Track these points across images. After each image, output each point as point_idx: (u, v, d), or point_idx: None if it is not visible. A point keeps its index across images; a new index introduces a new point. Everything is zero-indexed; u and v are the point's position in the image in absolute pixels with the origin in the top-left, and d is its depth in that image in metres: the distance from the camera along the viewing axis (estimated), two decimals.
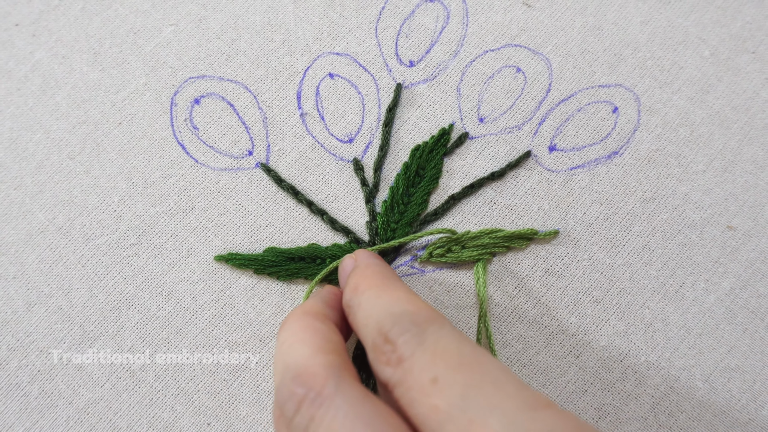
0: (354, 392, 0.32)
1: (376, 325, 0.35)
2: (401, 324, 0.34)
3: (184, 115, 0.49)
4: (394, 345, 0.34)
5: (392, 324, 0.34)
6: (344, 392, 0.32)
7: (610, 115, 0.49)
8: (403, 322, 0.34)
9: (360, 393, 0.32)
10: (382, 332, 0.34)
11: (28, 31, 0.51)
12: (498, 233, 0.46)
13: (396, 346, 0.33)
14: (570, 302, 0.46)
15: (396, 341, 0.34)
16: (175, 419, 0.45)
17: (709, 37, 0.50)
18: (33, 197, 0.48)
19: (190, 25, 0.51)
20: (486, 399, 0.30)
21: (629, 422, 0.44)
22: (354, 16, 0.51)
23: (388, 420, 0.31)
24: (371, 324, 0.35)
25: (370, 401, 0.32)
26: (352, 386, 0.33)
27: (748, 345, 0.45)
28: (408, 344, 0.33)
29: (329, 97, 0.50)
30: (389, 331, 0.34)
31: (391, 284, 0.38)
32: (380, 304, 0.36)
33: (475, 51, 0.50)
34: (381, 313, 0.35)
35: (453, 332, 0.34)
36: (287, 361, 0.35)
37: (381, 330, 0.35)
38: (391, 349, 0.34)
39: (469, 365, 0.32)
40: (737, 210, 0.47)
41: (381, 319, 0.35)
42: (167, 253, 0.47)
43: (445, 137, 0.48)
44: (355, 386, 0.33)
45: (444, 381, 0.31)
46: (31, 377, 0.45)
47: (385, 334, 0.34)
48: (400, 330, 0.34)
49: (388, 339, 0.34)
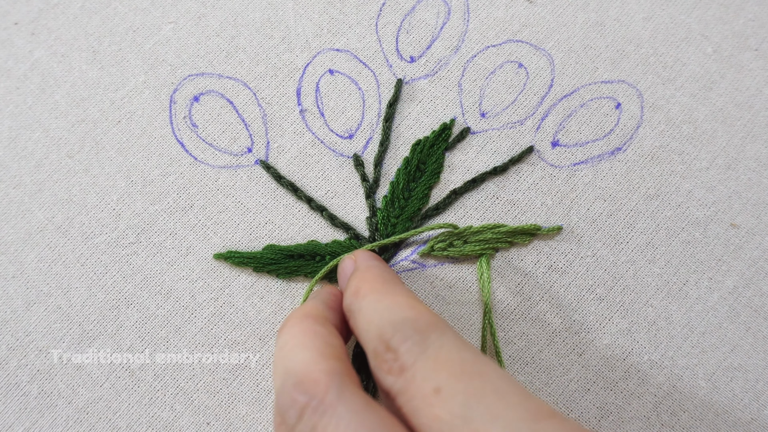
0: (356, 400, 0.32)
1: (377, 331, 0.35)
2: (403, 331, 0.34)
3: (184, 113, 0.49)
4: (395, 353, 0.34)
5: (394, 331, 0.34)
6: (346, 400, 0.32)
7: (613, 111, 0.49)
8: (404, 329, 0.34)
9: (362, 401, 0.32)
10: (384, 340, 0.34)
11: (27, 30, 0.51)
12: (501, 228, 0.46)
13: (398, 355, 0.33)
14: (573, 299, 0.46)
15: (398, 349, 0.34)
16: (174, 418, 0.45)
17: (712, 34, 0.50)
18: (32, 196, 0.48)
19: (190, 23, 0.51)
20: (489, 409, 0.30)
21: (632, 421, 0.44)
22: (354, 12, 0.51)
23: (391, 429, 0.31)
24: (372, 330, 0.35)
25: (373, 409, 0.32)
26: (355, 394, 0.32)
27: (751, 344, 0.45)
28: (410, 352, 0.33)
29: (329, 93, 0.49)
30: (391, 339, 0.34)
31: (392, 288, 0.38)
32: (381, 309, 0.36)
33: (476, 46, 0.50)
34: (382, 319, 0.35)
35: (455, 339, 0.34)
36: (288, 366, 0.35)
37: (382, 337, 0.34)
38: (393, 357, 0.34)
39: (471, 374, 0.32)
40: (741, 207, 0.47)
41: (382, 326, 0.35)
42: (166, 252, 0.47)
43: (446, 132, 0.48)
44: (358, 394, 0.32)
45: (446, 390, 0.31)
46: (31, 377, 0.45)
47: (387, 341, 0.34)
48: (401, 338, 0.34)
49: (389, 347, 0.34)
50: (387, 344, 0.34)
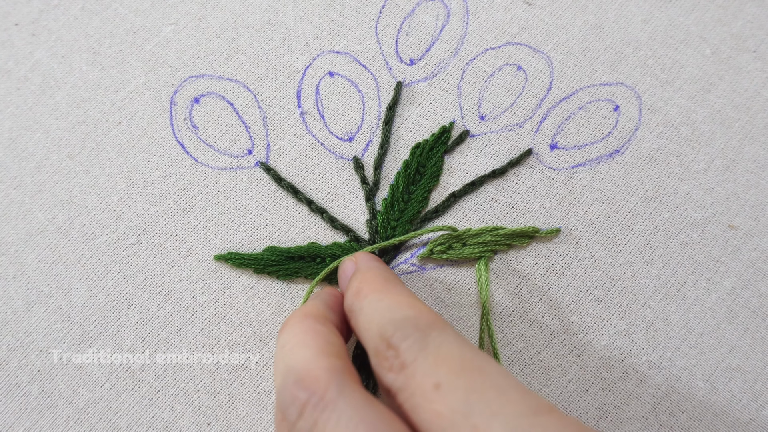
0: (357, 396, 0.32)
1: (378, 330, 0.35)
2: (403, 329, 0.34)
3: (184, 114, 0.49)
4: (396, 350, 0.34)
5: (394, 329, 0.34)
6: (347, 396, 0.32)
7: (612, 113, 0.49)
8: (405, 327, 0.34)
9: (363, 397, 0.32)
10: (385, 338, 0.34)
11: (27, 31, 0.51)
12: (499, 231, 0.46)
13: (398, 352, 0.34)
14: (571, 301, 0.46)
15: (398, 347, 0.34)
16: (174, 419, 0.45)
17: (710, 36, 0.50)
18: (32, 197, 0.48)
19: (190, 24, 0.51)
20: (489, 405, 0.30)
21: (630, 422, 0.44)
22: (354, 14, 0.51)
23: (392, 425, 0.31)
24: (373, 329, 0.36)
25: (374, 406, 0.32)
26: (355, 390, 0.33)
27: (750, 345, 0.45)
28: (410, 350, 0.33)
29: (329, 95, 0.50)
30: (391, 337, 0.34)
31: (393, 288, 0.38)
32: (382, 308, 0.36)
33: (475, 49, 0.50)
34: (383, 318, 0.35)
35: (455, 337, 0.34)
36: (289, 364, 0.35)
37: (383, 335, 0.35)
38: (394, 354, 0.34)
39: (471, 370, 0.32)
40: (739, 209, 0.47)
41: (383, 324, 0.35)
42: (167, 253, 0.47)
43: (445, 135, 0.48)
44: (358, 390, 0.33)
45: (447, 386, 0.31)
46: (31, 377, 0.45)
47: (388, 339, 0.34)
48: (402, 335, 0.34)
49: (390, 344, 0.34)
50: (388, 342, 0.34)
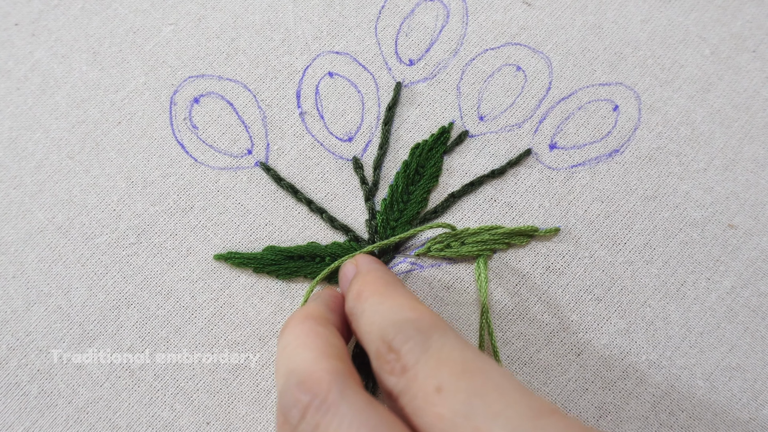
0: (359, 399, 0.32)
1: (379, 333, 0.35)
2: (404, 332, 0.34)
3: (184, 114, 0.49)
4: (397, 353, 0.34)
5: (396, 332, 0.34)
6: (349, 399, 0.32)
7: (611, 113, 0.49)
8: (406, 329, 0.34)
9: (365, 400, 0.32)
10: (386, 340, 0.34)
11: (27, 31, 0.51)
12: (498, 230, 0.46)
13: (400, 355, 0.34)
14: (571, 300, 0.46)
15: (400, 350, 0.34)
16: (174, 418, 0.45)
17: (709, 36, 0.50)
18: (32, 196, 0.48)
19: (190, 25, 0.51)
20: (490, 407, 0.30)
21: (630, 421, 0.44)
22: (353, 14, 0.51)
23: (393, 428, 0.31)
24: (375, 332, 0.36)
25: (375, 408, 0.32)
26: (357, 393, 0.32)
27: (749, 344, 0.45)
28: (412, 352, 0.33)
29: (329, 95, 0.50)
30: (393, 340, 0.34)
31: (394, 291, 0.38)
32: (383, 311, 0.36)
33: (475, 49, 0.50)
34: (384, 320, 0.35)
35: (456, 339, 0.34)
36: (290, 366, 0.35)
37: (384, 338, 0.35)
38: (395, 357, 0.34)
39: (472, 372, 0.32)
40: (738, 208, 0.47)
41: (384, 327, 0.35)
42: (166, 252, 0.47)
43: (445, 135, 0.48)
44: (360, 393, 0.33)
45: (448, 389, 0.31)
46: (31, 376, 0.45)
47: (389, 342, 0.34)
48: (403, 338, 0.34)
49: (391, 348, 0.34)
50: (389, 345, 0.34)
